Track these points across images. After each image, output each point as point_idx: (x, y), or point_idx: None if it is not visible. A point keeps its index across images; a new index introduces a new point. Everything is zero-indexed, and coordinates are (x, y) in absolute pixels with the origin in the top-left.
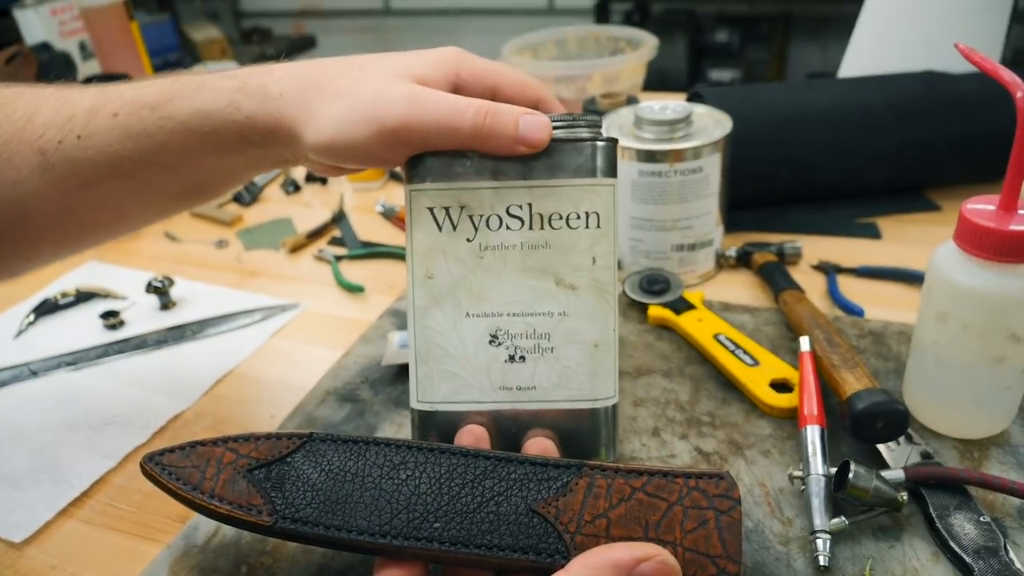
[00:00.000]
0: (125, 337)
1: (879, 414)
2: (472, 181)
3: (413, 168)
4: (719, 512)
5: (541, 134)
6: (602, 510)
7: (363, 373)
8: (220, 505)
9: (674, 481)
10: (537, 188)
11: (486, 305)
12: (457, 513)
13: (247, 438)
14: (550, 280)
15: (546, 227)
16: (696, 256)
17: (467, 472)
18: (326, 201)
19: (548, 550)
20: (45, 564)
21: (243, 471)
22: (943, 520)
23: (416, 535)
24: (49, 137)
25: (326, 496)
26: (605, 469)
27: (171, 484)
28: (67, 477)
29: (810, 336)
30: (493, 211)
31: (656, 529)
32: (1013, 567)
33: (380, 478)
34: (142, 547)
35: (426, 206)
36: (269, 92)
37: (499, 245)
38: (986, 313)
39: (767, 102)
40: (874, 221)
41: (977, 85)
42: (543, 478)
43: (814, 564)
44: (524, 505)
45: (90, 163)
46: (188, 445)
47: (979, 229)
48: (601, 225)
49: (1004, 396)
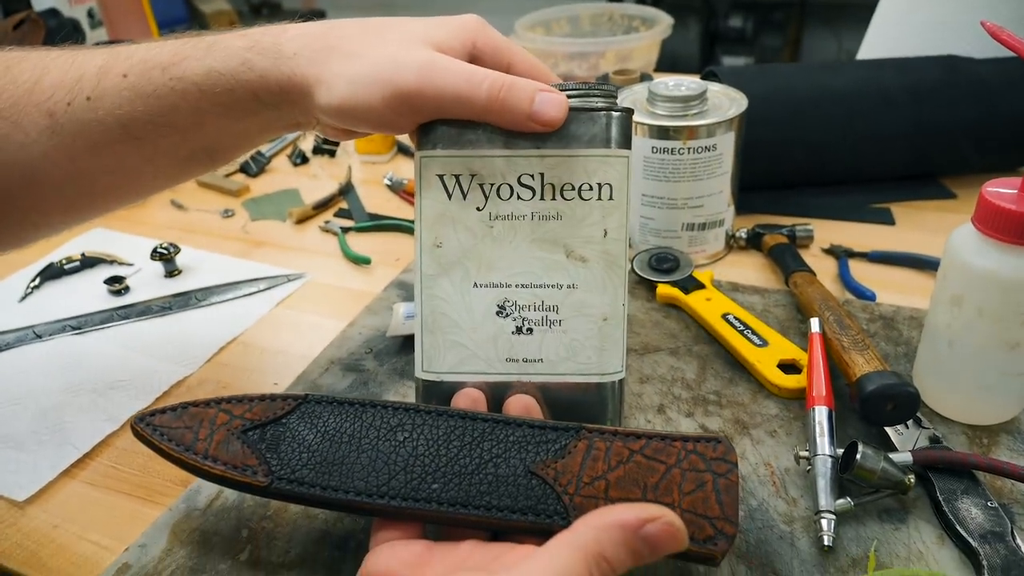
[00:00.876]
0: (130, 303)
1: (889, 396)
2: (483, 149)
3: (424, 134)
4: (716, 475)
5: (556, 112)
6: (601, 472)
7: (368, 343)
8: (214, 466)
9: (672, 444)
10: (549, 157)
11: (494, 275)
12: (455, 475)
13: (240, 399)
14: (560, 252)
15: (557, 197)
16: (706, 236)
17: (465, 434)
18: (334, 173)
19: (547, 511)
20: (47, 523)
21: (237, 432)
22: (950, 504)
23: (414, 496)
24: (58, 99)
25: (322, 457)
26: (604, 432)
27: (163, 445)
28: (70, 439)
29: (820, 318)
30: (504, 180)
31: (654, 491)
32: (1020, 552)
33: (377, 440)
34: (144, 509)
35: (436, 173)
36: (283, 51)
37: (509, 215)
38: (1002, 297)
39: (783, 83)
40: (888, 207)
41: (999, 70)
42: (541, 440)
43: (818, 544)
44: (523, 467)
45: (99, 125)
46: (180, 406)
47: (999, 211)
48: (614, 197)
49: (1016, 382)
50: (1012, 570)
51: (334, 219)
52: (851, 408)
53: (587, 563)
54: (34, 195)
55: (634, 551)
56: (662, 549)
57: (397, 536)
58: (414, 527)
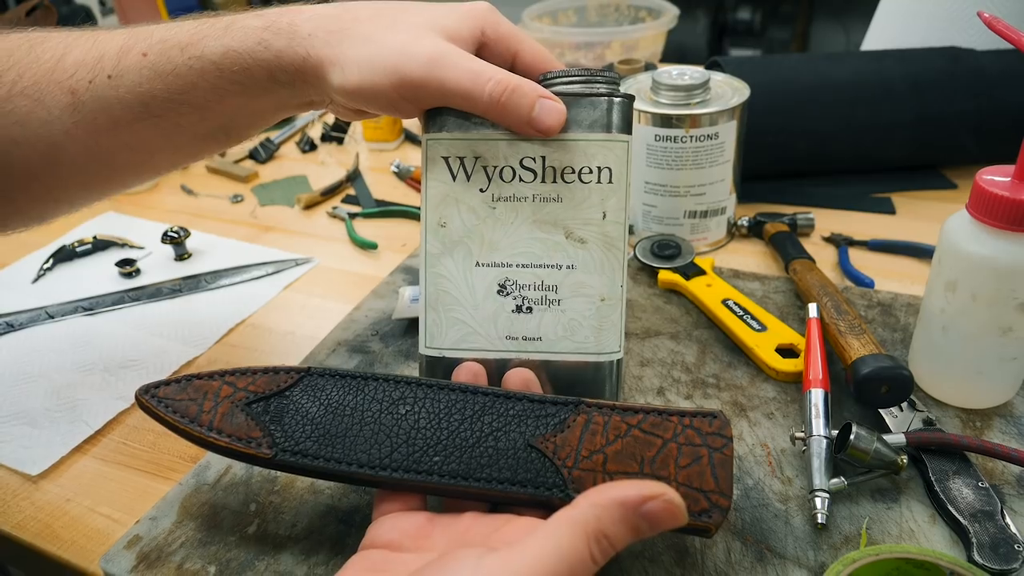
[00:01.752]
0: (140, 285)
1: (884, 378)
2: (487, 132)
3: (431, 118)
4: (712, 449)
5: (554, 121)
6: (599, 446)
7: (374, 326)
8: (219, 438)
9: (669, 419)
10: (551, 141)
11: (496, 255)
12: (456, 447)
13: (244, 372)
14: (560, 233)
15: (558, 180)
16: (708, 224)
17: (466, 408)
18: (342, 160)
19: (546, 483)
20: (60, 497)
21: (241, 404)
22: (942, 484)
23: (416, 468)
24: (80, 77)
25: (325, 430)
26: (602, 407)
27: (168, 416)
28: (82, 416)
29: (818, 303)
30: (507, 163)
31: (651, 465)
32: (1009, 530)
33: (379, 413)
34: (154, 484)
35: (441, 155)
36: (298, 31)
37: (511, 196)
38: (996, 282)
39: (786, 73)
40: (889, 197)
41: (1000, 62)
42: (541, 414)
43: (812, 522)
44: (522, 440)
45: (120, 103)
46: (184, 378)
47: (993, 198)
48: (613, 180)
49: (1010, 367)
50: (1000, 547)
51: (342, 205)
52: (847, 391)
53: (587, 540)
54: (56, 171)
55: (634, 528)
56: (662, 526)
57: (399, 508)
58: (416, 499)
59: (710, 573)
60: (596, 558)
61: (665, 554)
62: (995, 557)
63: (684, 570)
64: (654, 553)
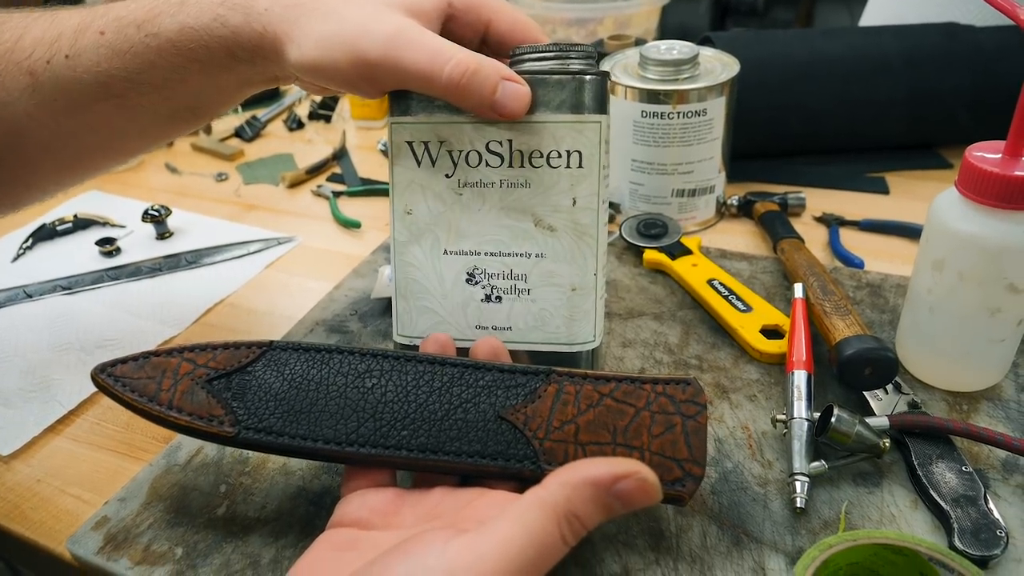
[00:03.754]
0: (120, 264)
1: (868, 360)
2: (452, 115)
3: (394, 100)
4: (686, 417)
5: (517, 105)
6: (570, 416)
7: (353, 305)
8: (179, 416)
9: (642, 387)
10: (518, 124)
11: (464, 243)
12: (424, 421)
13: (204, 348)
14: (528, 220)
15: (526, 165)
16: (696, 202)
17: (434, 380)
18: (329, 139)
19: (517, 456)
20: (30, 477)
21: (201, 381)
22: (924, 468)
23: (383, 443)
24: (37, 56)
25: (290, 405)
26: (573, 376)
27: (125, 396)
28: (56, 396)
29: (804, 283)
30: (472, 147)
31: (624, 434)
32: (991, 516)
33: (345, 387)
34: (125, 464)
35: (405, 140)
36: (254, 6)
37: (478, 182)
38: (984, 261)
39: (779, 48)
40: (883, 176)
41: (997, 38)
42: (511, 385)
43: (790, 506)
44: (492, 412)
45: (79, 83)
46: (141, 356)
47: (982, 174)
48: (584, 165)
49: (997, 349)
50: (982, 532)
51: (326, 183)
52: (831, 373)
53: (557, 520)
54: (22, 155)
55: (606, 507)
56: (635, 505)
57: (368, 484)
58: (385, 475)
59: (685, 557)
60: (567, 539)
61: (640, 538)
62: (976, 543)
63: (659, 554)
64: (628, 537)
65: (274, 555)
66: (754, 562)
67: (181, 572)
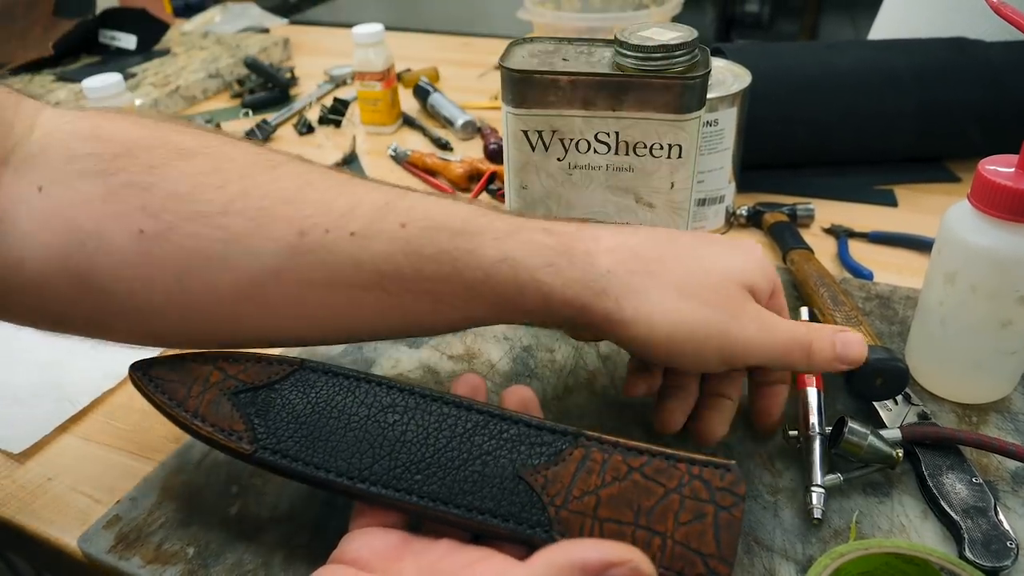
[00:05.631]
0: None
1: (879, 371)
2: (564, 109)
3: (511, 91)
4: (719, 507)
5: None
6: (593, 487)
7: None
8: (202, 426)
9: (676, 466)
10: (625, 119)
11: (573, 212)
12: (440, 467)
13: (237, 359)
14: (630, 197)
15: (630, 154)
16: (706, 212)
17: (457, 425)
18: (339, 143)
19: (530, 521)
20: (42, 476)
21: (228, 393)
22: (935, 479)
23: (396, 485)
24: (315, 222)
25: (309, 430)
26: (603, 442)
27: (157, 397)
28: (68, 394)
29: (815, 294)
30: (582, 136)
31: (648, 516)
32: (1001, 527)
33: (367, 419)
34: (137, 464)
35: (521, 128)
36: (595, 265)
37: (587, 165)
38: (996, 274)
39: (789, 61)
40: (891, 189)
41: (1007, 53)
42: (536, 442)
43: (802, 515)
44: (511, 469)
45: (354, 264)
46: (178, 358)
47: (995, 187)
48: (683, 156)
49: (1008, 361)
50: (992, 543)
51: None
52: (840, 385)
53: None
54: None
55: None
56: None
57: (376, 523)
58: (395, 516)
59: None
60: None
61: None
62: (987, 554)
63: None
64: None
65: (286, 555)
66: (764, 569)
67: (193, 571)
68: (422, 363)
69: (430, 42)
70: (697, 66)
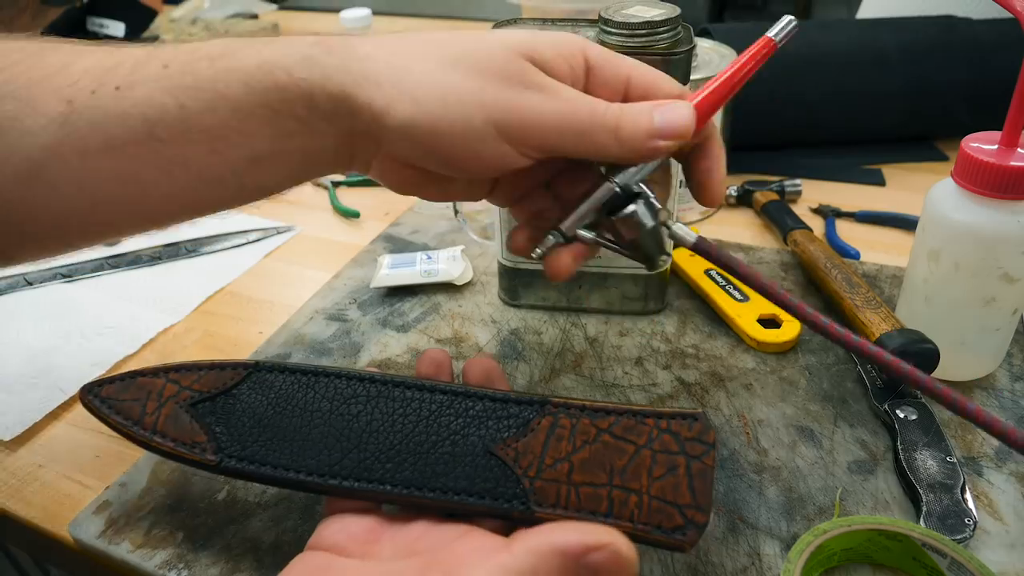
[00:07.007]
0: (120, 252)
1: (909, 353)
2: None
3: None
4: (691, 457)
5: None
6: (564, 453)
7: (352, 294)
8: (163, 442)
9: (644, 422)
10: None
11: None
12: (410, 453)
13: (189, 368)
14: None
15: None
16: None
17: (422, 408)
18: None
19: (505, 495)
20: (32, 463)
21: (186, 404)
22: (907, 454)
23: (367, 476)
24: (83, 85)
25: (273, 432)
26: (570, 407)
27: (111, 418)
28: (58, 382)
29: (827, 276)
30: None
31: (621, 475)
32: (963, 505)
33: (330, 413)
34: (126, 451)
35: None
36: (354, 51)
37: None
38: (980, 251)
39: None
40: (879, 168)
41: (994, 32)
42: (503, 415)
43: (784, 492)
44: (481, 445)
45: (121, 119)
46: (128, 375)
47: (978, 164)
48: None
49: (992, 338)
50: (949, 518)
51: None
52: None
53: None
54: (31, 196)
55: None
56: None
57: (351, 508)
58: (368, 505)
59: None
60: None
61: None
62: (942, 527)
63: None
64: None
65: (274, 539)
66: (749, 547)
67: (182, 556)
68: (410, 347)
69: (419, 26)
70: (680, 42)
